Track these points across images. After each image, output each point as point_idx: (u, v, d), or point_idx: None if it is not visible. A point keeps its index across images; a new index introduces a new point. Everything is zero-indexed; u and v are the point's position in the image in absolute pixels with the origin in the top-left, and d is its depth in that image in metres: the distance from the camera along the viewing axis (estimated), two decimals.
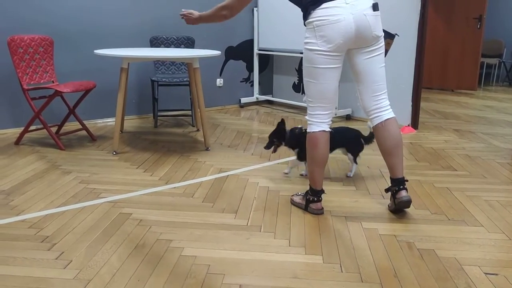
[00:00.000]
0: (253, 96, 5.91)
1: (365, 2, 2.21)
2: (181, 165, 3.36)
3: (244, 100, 5.81)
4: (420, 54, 4.36)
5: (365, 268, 1.95)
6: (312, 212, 2.51)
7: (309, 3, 2.22)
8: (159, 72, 4.77)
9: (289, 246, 2.15)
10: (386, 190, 2.53)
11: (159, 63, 4.79)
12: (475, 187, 2.94)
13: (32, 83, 3.80)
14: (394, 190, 2.44)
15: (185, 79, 4.46)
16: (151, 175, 3.12)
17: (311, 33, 2.24)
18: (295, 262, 2.00)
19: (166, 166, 3.32)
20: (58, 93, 3.64)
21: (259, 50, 5.70)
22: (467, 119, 5.12)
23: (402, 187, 2.43)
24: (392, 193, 2.48)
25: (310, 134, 2.41)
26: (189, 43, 4.77)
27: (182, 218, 2.44)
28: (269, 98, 5.96)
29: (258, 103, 5.97)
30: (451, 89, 7.42)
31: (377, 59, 2.34)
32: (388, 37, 2.36)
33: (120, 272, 1.90)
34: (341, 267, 1.96)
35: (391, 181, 2.48)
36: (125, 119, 4.54)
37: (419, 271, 1.93)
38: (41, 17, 4.24)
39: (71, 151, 3.69)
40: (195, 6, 5.12)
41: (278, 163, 3.41)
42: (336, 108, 2.36)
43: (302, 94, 5.65)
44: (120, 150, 3.73)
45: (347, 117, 5.05)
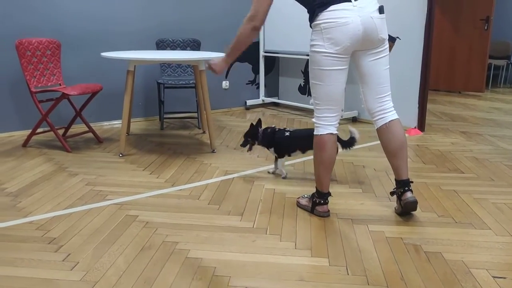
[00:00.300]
0: (259, 98, 5.92)
1: (372, 5, 2.21)
2: (187, 167, 3.36)
3: (250, 102, 5.82)
4: (426, 56, 4.35)
5: (372, 271, 1.95)
6: (318, 215, 2.50)
7: (316, 5, 2.21)
8: (165, 74, 4.79)
9: (295, 248, 2.14)
10: (392, 193, 2.52)
11: (165, 65, 4.81)
12: (482, 189, 2.92)
13: (39, 86, 3.83)
14: (400, 192, 2.44)
15: (191, 82, 4.47)
16: (157, 177, 3.13)
17: (318, 35, 2.23)
18: (301, 265, 2.00)
19: (172, 168, 3.33)
20: (65, 95, 3.66)
21: (265, 52, 5.71)
22: (475, 121, 5.09)
23: (407, 188, 2.42)
24: (397, 195, 2.48)
25: (317, 136, 2.40)
26: (195, 45, 4.79)
27: (188, 220, 2.45)
28: (275, 100, 5.96)
29: (264, 105, 5.98)
30: (458, 91, 7.38)
31: (382, 61, 2.34)
32: (390, 40, 2.36)
33: (126, 274, 1.91)
34: (347, 269, 1.96)
35: (396, 183, 2.48)
36: (131, 121, 4.56)
37: (426, 274, 1.92)
38: (49, 20, 4.27)
39: (77, 153, 3.71)
40: (200, 9, 5.15)
41: (284, 165, 3.41)
42: (342, 110, 2.36)
43: (308, 96, 5.65)
44: (127, 152, 3.74)
45: (353, 119, 5.04)
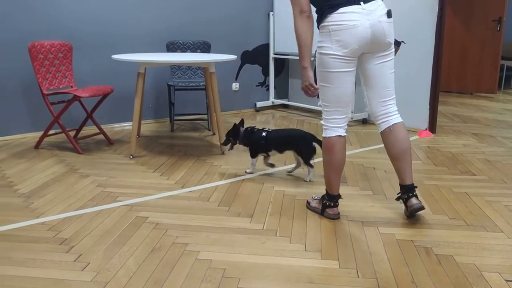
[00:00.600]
0: (268, 100, 5.92)
1: (380, 9, 2.20)
2: (197, 169, 3.37)
3: (259, 104, 5.82)
4: (437, 57, 4.32)
5: (382, 274, 1.93)
6: (328, 217, 2.50)
7: (326, 6, 2.20)
8: (176, 76, 4.81)
9: (305, 250, 2.14)
10: (397, 199, 2.50)
11: (175, 67, 4.83)
12: (494, 192, 2.89)
13: (51, 88, 3.87)
14: (404, 198, 2.41)
15: (201, 84, 4.48)
16: (167, 179, 3.14)
17: (325, 37, 2.22)
18: (311, 267, 1.99)
19: (182, 170, 3.34)
20: (76, 98, 3.69)
21: (275, 54, 5.71)
22: (487, 123, 5.04)
23: (411, 194, 2.39)
24: (403, 201, 2.46)
25: (326, 139, 2.39)
26: (205, 47, 4.81)
27: (198, 222, 2.45)
28: (284, 102, 5.95)
29: (273, 107, 5.97)
30: (470, 92, 7.31)
31: (388, 65, 2.33)
32: (395, 44, 2.35)
33: (136, 275, 1.92)
34: (357, 272, 1.95)
35: (400, 187, 2.45)
36: (142, 123, 4.58)
37: (437, 277, 1.90)
38: (61, 24, 4.31)
39: (88, 155, 3.74)
40: (210, 12, 5.17)
41: (294, 167, 3.40)
42: (352, 112, 2.35)
43: (318, 98, 5.63)
44: (137, 154, 3.76)
45: (363, 121, 5.02)
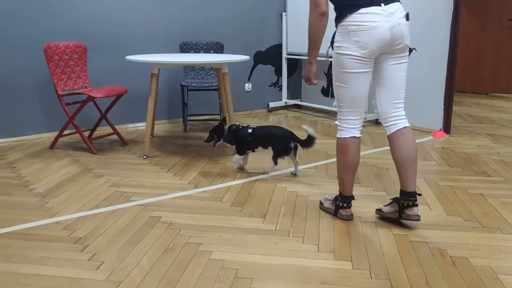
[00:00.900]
0: (281, 100, 5.91)
1: (399, 11, 2.19)
2: (209, 169, 3.38)
3: (272, 104, 5.82)
4: (452, 56, 4.27)
5: (395, 275, 1.92)
6: (341, 218, 2.48)
7: (346, 6, 2.17)
8: (189, 77, 4.83)
9: (318, 251, 2.13)
10: (394, 199, 2.38)
11: (188, 68, 4.85)
12: (510, 193, 2.85)
13: (66, 88, 3.91)
14: (406, 204, 2.32)
15: (214, 84, 4.50)
16: (180, 179, 3.16)
17: (344, 37, 2.20)
18: (324, 268, 1.98)
19: (195, 170, 3.35)
20: (90, 98, 3.73)
21: (287, 55, 5.70)
22: (502, 123, 4.97)
23: (413, 203, 2.31)
24: (400, 205, 2.35)
25: (340, 140, 2.37)
26: (218, 48, 4.82)
27: (211, 222, 2.46)
28: (297, 102, 5.94)
29: (286, 107, 5.97)
30: (485, 92, 7.22)
31: (402, 67, 2.30)
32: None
33: (150, 275, 1.93)
34: (370, 273, 1.94)
35: (401, 193, 2.35)
36: (155, 123, 4.61)
37: (451, 280, 1.88)
38: (75, 25, 4.36)
39: (102, 155, 3.77)
40: (222, 11, 5.18)
41: (307, 168, 3.40)
42: (365, 112, 2.34)
43: (331, 98, 5.62)
44: (151, 154, 3.79)
45: (376, 122, 4.99)
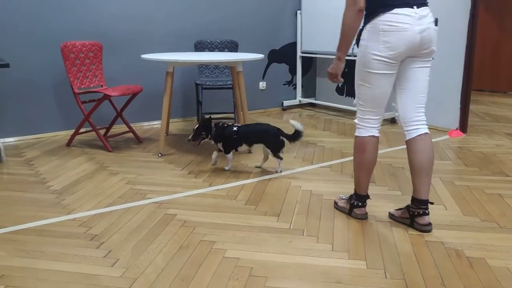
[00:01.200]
0: (295, 99, 5.90)
1: (429, 16, 2.15)
2: (224, 167, 3.39)
3: (286, 103, 5.80)
4: (469, 55, 4.22)
5: (411, 275, 1.90)
6: (356, 217, 2.47)
7: (380, 4, 2.11)
8: (203, 75, 4.84)
9: (332, 250, 2.12)
10: (406, 208, 2.36)
11: (203, 66, 4.87)
12: None
13: (82, 87, 3.96)
14: (416, 213, 2.30)
15: (228, 82, 4.51)
16: (195, 177, 3.17)
17: (373, 35, 2.14)
18: (339, 267, 1.98)
19: (209, 168, 3.36)
20: (106, 96, 3.77)
21: (302, 53, 5.68)
22: None
23: (424, 212, 2.29)
24: (411, 214, 2.33)
25: (358, 138, 2.35)
26: (232, 46, 4.82)
27: (225, 220, 2.47)
28: (312, 101, 5.92)
29: (301, 106, 5.95)
30: (503, 91, 7.10)
31: (426, 71, 2.26)
32: None
33: (165, 272, 1.95)
34: (385, 273, 1.92)
35: (413, 201, 2.32)
36: (170, 122, 4.63)
37: (468, 281, 1.86)
38: (91, 23, 4.40)
39: (118, 153, 3.81)
40: (237, 9, 5.18)
41: (321, 166, 3.39)
42: None
43: (346, 96, 5.58)
44: (165, 152, 3.81)
45: (392, 121, 4.94)
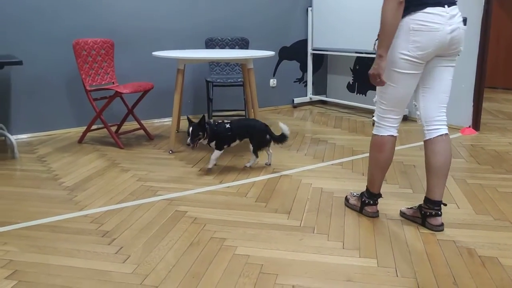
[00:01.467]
0: (306, 96, 5.88)
1: (459, 15, 2.12)
2: (234, 164, 3.39)
3: (297, 100, 5.79)
4: (483, 52, 4.17)
5: (422, 274, 1.89)
6: (367, 215, 2.46)
7: (412, 1, 2.06)
8: (214, 73, 4.85)
9: (343, 248, 2.12)
10: (418, 207, 2.36)
11: (214, 64, 4.87)
12: None
13: (94, 84, 3.98)
14: (429, 213, 2.29)
15: (239, 80, 4.50)
16: (205, 174, 3.18)
17: (402, 34, 2.09)
18: (349, 265, 1.97)
19: (220, 166, 3.37)
20: (118, 94, 3.79)
21: (313, 50, 5.66)
22: None
23: (437, 213, 2.28)
24: (422, 214, 2.33)
25: (377, 137, 2.31)
26: (243, 44, 4.82)
27: (236, 217, 2.47)
28: (322, 98, 5.90)
29: (311, 103, 5.93)
30: None
31: (451, 70, 2.23)
32: None
33: (175, 269, 1.96)
34: (396, 271, 1.91)
35: (426, 201, 2.31)
36: (181, 119, 4.65)
37: (480, 280, 1.84)
38: (103, 21, 4.42)
39: (129, 149, 3.83)
40: (248, 6, 5.18)
41: (332, 164, 3.38)
42: None
43: (357, 94, 5.56)
44: (176, 149, 3.82)
45: (404, 118, 4.91)
